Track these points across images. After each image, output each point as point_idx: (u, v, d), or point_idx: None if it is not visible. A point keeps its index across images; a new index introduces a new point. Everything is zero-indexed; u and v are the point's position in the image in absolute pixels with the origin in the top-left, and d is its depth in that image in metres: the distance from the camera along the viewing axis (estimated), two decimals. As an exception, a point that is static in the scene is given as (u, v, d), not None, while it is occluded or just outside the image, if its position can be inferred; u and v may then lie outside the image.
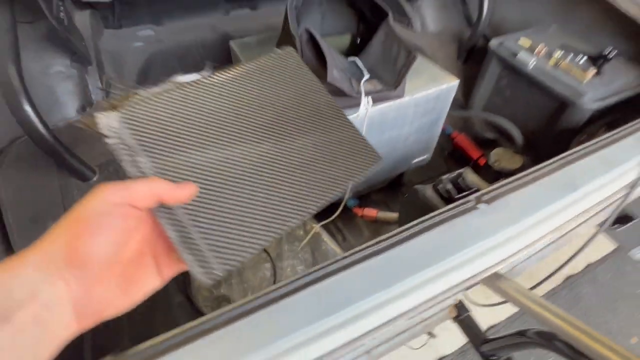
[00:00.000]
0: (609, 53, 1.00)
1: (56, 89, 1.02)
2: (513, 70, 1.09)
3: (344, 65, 0.70)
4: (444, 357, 1.30)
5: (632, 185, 0.76)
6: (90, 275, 0.26)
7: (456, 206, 0.59)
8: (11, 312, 0.23)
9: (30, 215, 0.89)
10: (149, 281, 0.31)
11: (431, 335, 1.13)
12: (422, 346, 1.27)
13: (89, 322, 0.27)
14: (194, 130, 0.36)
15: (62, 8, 0.94)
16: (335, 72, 0.60)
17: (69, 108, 1.05)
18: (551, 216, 0.67)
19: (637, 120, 0.83)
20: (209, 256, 0.33)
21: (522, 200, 0.67)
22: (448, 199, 0.82)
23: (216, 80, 0.40)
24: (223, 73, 0.41)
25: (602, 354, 0.50)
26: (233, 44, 1.06)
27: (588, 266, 1.58)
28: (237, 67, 0.43)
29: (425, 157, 1.13)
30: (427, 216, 0.57)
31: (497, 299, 0.69)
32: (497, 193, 0.64)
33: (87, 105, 1.08)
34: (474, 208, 0.62)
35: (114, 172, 0.98)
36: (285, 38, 0.73)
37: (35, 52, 0.97)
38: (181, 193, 0.31)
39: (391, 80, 0.68)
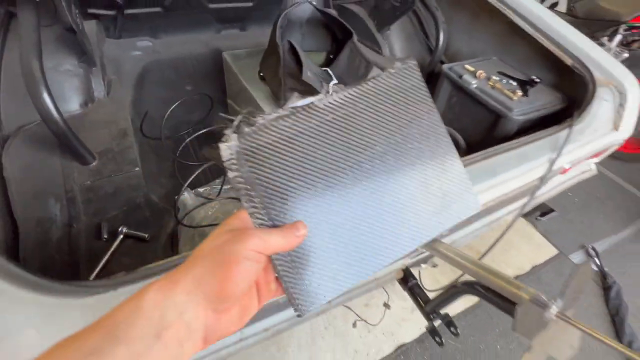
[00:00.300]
0: (533, 80, 1.25)
1: (64, 84, 1.15)
2: (460, 90, 1.31)
3: (317, 72, 0.87)
4: (403, 344, 1.43)
5: (543, 178, 0.96)
6: (225, 308, 0.31)
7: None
8: (162, 330, 0.27)
9: (32, 192, 0.99)
10: (253, 308, 0.35)
11: (387, 306, 1.26)
12: (380, 320, 1.39)
13: (211, 343, 0.31)
14: (306, 165, 0.36)
15: (77, 15, 1.09)
16: (309, 73, 0.77)
17: (73, 102, 1.17)
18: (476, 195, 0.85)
19: (549, 129, 1.04)
20: (309, 290, 0.35)
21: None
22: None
23: (331, 105, 0.38)
24: (338, 95, 0.39)
25: (510, 291, 0.65)
26: (226, 55, 1.23)
27: (533, 268, 1.78)
28: (354, 89, 0.40)
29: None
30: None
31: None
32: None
33: (89, 101, 1.21)
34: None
35: (112, 158, 1.09)
36: (270, 49, 0.90)
37: (50, 51, 1.10)
38: (297, 242, 0.34)
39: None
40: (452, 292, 0.81)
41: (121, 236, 0.91)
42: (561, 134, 1.02)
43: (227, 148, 0.32)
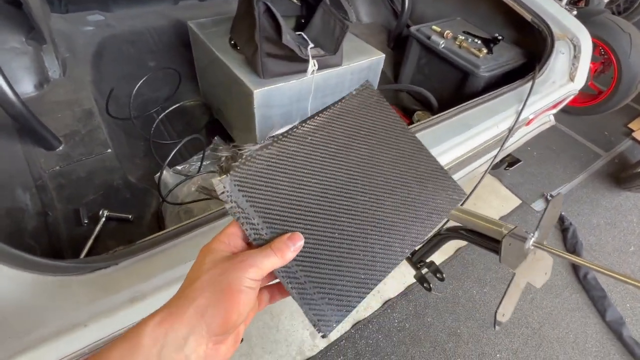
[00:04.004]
0: (496, 38, 1.30)
1: (12, 63, 1.05)
2: (429, 50, 1.34)
3: (293, 36, 0.86)
4: (389, 299, 1.51)
5: (511, 129, 1.02)
6: (225, 338, 0.31)
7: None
8: None
9: (-4, 182, 0.92)
10: (242, 330, 0.35)
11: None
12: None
13: None
14: (295, 183, 0.38)
15: (20, -14, 0.99)
16: (288, 36, 0.76)
17: (26, 83, 1.08)
18: (453, 147, 0.89)
19: (514, 83, 1.10)
20: (325, 309, 0.35)
21: (431, 136, 0.88)
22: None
23: (307, 129, 0.41)
24: (312, 121, 0.42)
25: (493, 229, 0.71)
26: (191, 24, 1.17)
27: (501, 218, 1.91)
28: (324, 113, 0.43)
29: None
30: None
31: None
32: (414, 131, 0.85)
33: (44, 82, 1.12)
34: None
35: (80, 141, 1.03)
36: (243, 13, 0.86)
37: (-9, 27, 1.00)
38: (293, 255, 0.34)
39: (331, 47, 0.86)
40: (438, 239, 0.86)
41: (103, 219, 0.88)
42: (525, 87, 1.08)
43: (220, 182, 0.34)
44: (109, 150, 1.03)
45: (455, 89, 1.28)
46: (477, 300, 1.56)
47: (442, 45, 1.28)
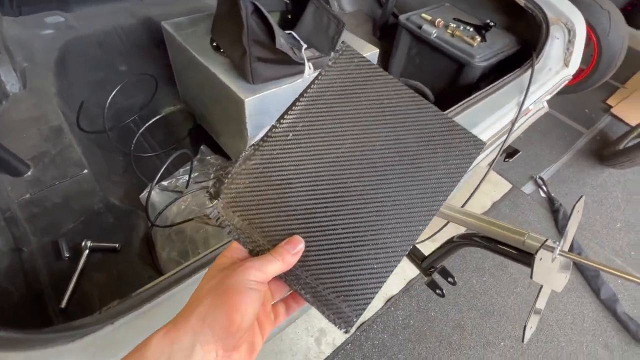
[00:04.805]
0: (488, 24, 1.25)
1: (-39, 80, 0.92)
2: (420, 40, 1.28)
3: (284, 36, 0.78)
4: (392, 296, 1.49)
5: (513, 122, 0.99)
6: (235, 344, 0.29)
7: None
8: None
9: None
10: (259, 343, 0.34)
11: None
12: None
13: None
14: (287, 187, 0.36)
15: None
16: (282, 40, 0.68)
17: (-19, 100, 0.96)
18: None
19: (513, 72, 1.06)
20: (342, 306, 0.34)
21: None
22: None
23: (286, 125, 0.38)
24: (290, 113, 0.38)
25: (508, 236, 0.68)
26: (166, 25, 1.06)
27: (493, 204, 1.92)
28: (301, 100, 0.39)
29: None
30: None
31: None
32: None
33: (2, 98, 0.99)
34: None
35: (51, 163, 0.93)
36: (226, 13, 0.78)
37: None
38: (295, 259, 0.34)
39: (326, 47, 0.79)
40: (450, 246, 0.83)
41: (87, 251, 0.79)
42: (524, 76, 1.04)
43: (213, 209, 0.34)
44: (85, 171, 0.94)
45: (450, 80, 1.24)
46: (478, 290, 1.56)
47: (435, 35, 1.22)
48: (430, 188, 0.38)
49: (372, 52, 1.02)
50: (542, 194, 1.99)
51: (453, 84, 1.23)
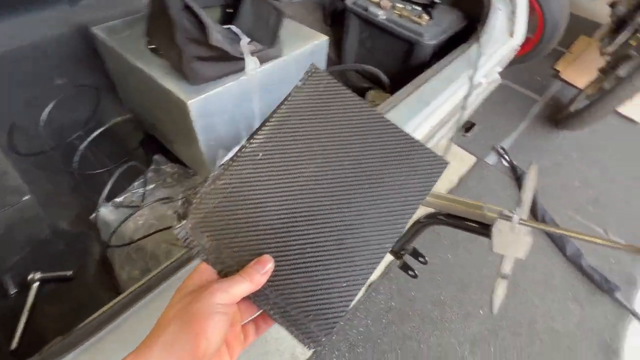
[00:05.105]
0: (433, 1, 1.26)
1: None
2: (369, 24, 1.27)
3: (221, 31, 0.74)
4: (372, 283, 1.51)
5: (467, 96, 1.00)
6: None
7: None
8: None
9: None
10: None
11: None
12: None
13: None
14: (257, 207, 0.36)
15: None
16: (217, 34, 0.64)
17: None
18: (416, 128, 0.85)
19: (460, 47, 1.07)
20: (310, 326, 0.35)
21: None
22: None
23: (256, 144, 0.38)
24: (259, 133, 0.38)
25: (468, 211, 0.68)
26: (96, 31, 0.99)
27: (460, 179, 1.97)
28: (271, 120, 0.39)
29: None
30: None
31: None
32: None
33: None
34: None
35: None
36: (157, 12, 0.73)
37: None
38: (263, 279, 0.34)
39: (267, 39, 0.75)
40: (417, 227, 0.83)
41: (36, 284, 0.73)
42: (472, 50, 1.05)
43: (181, 229, 0.34)
44: (27, 197, 0.86)
45: (403, 61, 1.24)
46: (453, 264, 1.60)
47: (382, 17, 1.21)
48: (396, 206, 0.39)
49: (320, 41, 1.00)
50: (505, 163, 2.06)
51: (406, 65, 1.23)
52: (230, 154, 0.40)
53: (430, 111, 0.89)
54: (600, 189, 1.99)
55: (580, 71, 2.70)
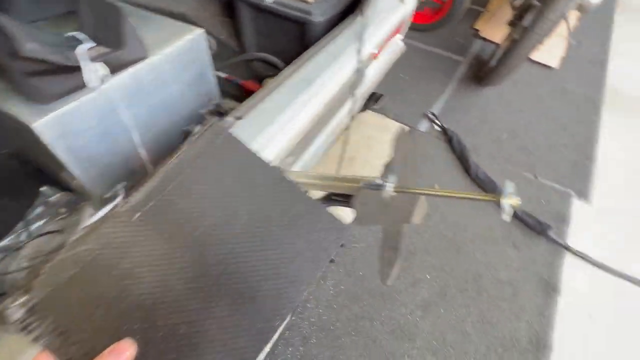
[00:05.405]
0: (321, -24, 1.21)
1: None
2: (259, 9, 1.21)
3: (55, 40, 0.66)
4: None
5: (358, 70, 0.97)
6: None
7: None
8: None
9: None
10: None
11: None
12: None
13: None
14: (123, 280, 0.30)
15: None
16: (31, 44, 0.57)
17: None
18: (303, 107, 0.81)
19: (344, 21, 1.04)
20: None
21: (274, 104, 0.78)
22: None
23: (133, 203, 0.33)
24: (139, 191, 0.33)
25: (350, 187, 0.66)
26: None
27: (396, 151, 1.98)
28: (156, 176, 0.34)
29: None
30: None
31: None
32: (248, 107, 0.74)
33: None
34: (231, 125, 0.71)
35: None
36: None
37: None
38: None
39: (114, 41, 0.68)
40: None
41: None
42: (357, 23, 1.03)
43: (18, 308, 0.27)
44: None
45: (298, 43, 1.19)
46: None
47: (269, 0, 1.16)
48: (292, 277, 0.36)
49: (195, 35, 0.93)
50: (437, 128, 2.10)
51: (302, 46, 1.18)
52: (100, 213, 0.35)
53: (315, 90, 0.85)
54: (526, 137, 2.08)
55: (497, 27, 2.80)
